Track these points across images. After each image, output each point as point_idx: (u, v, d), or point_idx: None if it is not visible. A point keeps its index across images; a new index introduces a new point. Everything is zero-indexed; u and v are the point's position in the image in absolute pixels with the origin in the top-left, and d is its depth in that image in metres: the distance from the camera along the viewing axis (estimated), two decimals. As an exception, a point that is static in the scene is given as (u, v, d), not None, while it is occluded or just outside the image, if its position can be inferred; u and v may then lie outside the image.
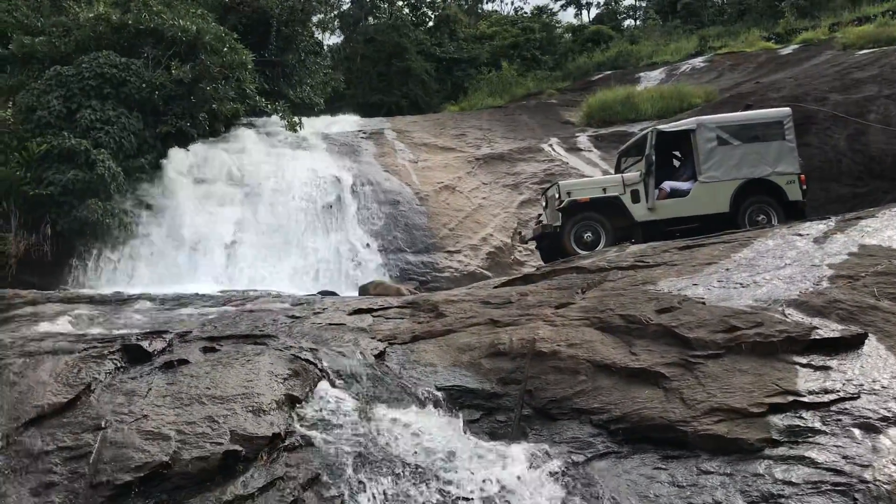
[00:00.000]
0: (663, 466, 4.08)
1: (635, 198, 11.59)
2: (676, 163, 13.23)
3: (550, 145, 21.77)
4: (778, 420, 4.11)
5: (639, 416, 4.44)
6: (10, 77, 19.14)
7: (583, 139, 22.16)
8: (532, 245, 13.04)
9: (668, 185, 11.97)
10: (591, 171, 19.31)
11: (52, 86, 16.98)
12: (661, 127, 12.37)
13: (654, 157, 11.66)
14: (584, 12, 52.94)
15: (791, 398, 4.23)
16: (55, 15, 20.79)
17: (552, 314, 5.88)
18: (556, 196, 11.80)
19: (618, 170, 13.55)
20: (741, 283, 6.07)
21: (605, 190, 11.71)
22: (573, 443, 4.41)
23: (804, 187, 11.50)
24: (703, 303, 5.64)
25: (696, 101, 22.16)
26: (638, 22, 48.32)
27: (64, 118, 16.52)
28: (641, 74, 29.47)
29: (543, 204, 12.47)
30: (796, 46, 27.25)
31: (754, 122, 11.83)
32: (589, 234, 11.40)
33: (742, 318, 5.11)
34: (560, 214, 11.61)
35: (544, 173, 19.90)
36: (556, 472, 4.06)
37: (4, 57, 19.42)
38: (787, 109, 12.14)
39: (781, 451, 3.90)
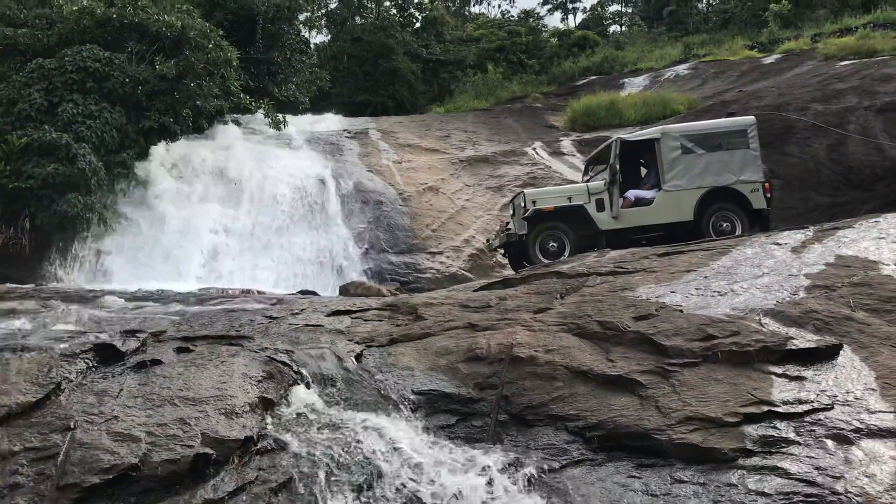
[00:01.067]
0: (637, 475, 4.07)
1: (600, 206, 11.63)
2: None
3: (534, 149, 21.82)
4: (752, 430, 4.11)
5: (614, 424, 4.43)
6: (-9, 69, 18.95)
7: (566, 143, 22.21)
8: (502, 252, 13.03)
9: (632, 193, 12.04)
10: (573, 176, 19.35)
11: (33, 78, 16.80)
12: (625, 136, 12.45)
13: (618, 167, 11.73)
14: (571, 17, 53.19)
15: (766, 408, 4.24)
16: (39, 7, 20.57)
17: (531, 319, 5.87)
18: (522, 205, 11.83)
19: (585, 177, 13.61)
20: (719, 292, 6.10)
21: (570, 199, 11.75)
22: (548, 449, 4.40)
23: (769, 195, 11.55)
24: (681, 310, 5.65)
25: (679, 109, 22.28)
26: (623, 28, 48.57)
27: (45, 111, 16.35)
28: (626, 80, 29.60)
29: (511, 212, 12.49)
30: (779, 56, 27.45)
31: (718, 131, 11.87)
32: (553, 243, 11.44)
33: (719, 327, 5.12)
34: (525, 223, 11.65)
35: (528, 176, 19.93)
36: (530, 479, 4.04)
37: (-15, 48, 19.23)
38: (752, 118, 12.23)
39: (755, 461, 3.91)
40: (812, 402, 4.25)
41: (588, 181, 12.80)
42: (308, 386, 4.82)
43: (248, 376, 4.63)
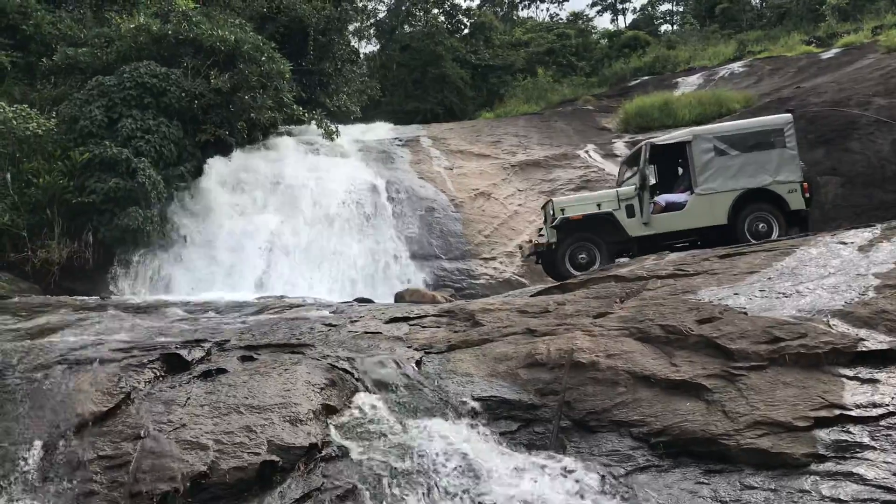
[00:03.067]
0: (705, 481, 4.00)
1: (630, 212, 11.41)
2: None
3: (587, 151, 21.63)
4: (824, 434, 4.01)
5: (680, 429, 4.36)
6: (53, 87, 19.51)
7: (619, 145, 21.97)
8: (535, 260, 12.80)
9: (663, 198, 11.79)
10: (628, 178, 19.14)
11: (94, 96, 17.23)
12: (655, 140, 12.17)
13: (647, 171, 11.49)
14: (621, 18, 52.65)
15: (837, 412, 4.13)
16: (97, 26, 21.15)
17: (590, 324, 5.82)
18: (551, 213, 11.69)
19: (620, 179, 13.35)
20: (784, 293, 5.95)
21: (599, 206, 11.55)
22: (613, 455, 4.35)
23: (807, 195, 11.17)
24: (745, 313, 5.54)
25: (734, 107, 21.85)
26: (675, 27, 47.90)
27: (105, 127, 16.75)
28: (679, 80, 29.17)
29: (543, 218, 12.31)
30: (838, 50, 26.74)
31: (753, 131, 11.53)
32: (583, 255, 11.26)
33: (785, 329, 5.00)
34: (555, 231, 11.51)
35: (580, 179, 19.77)
36: (596, 486, 4.00)
37: (49, 68, 19.81)
38: (788, 116, 11.80)
39: (828, 466, 3.81)
40: (887, 405, 4.12)
41: (623, 183, 12.60)
42: (370, 393, 4.85)
43: (310, 384, 4.68)
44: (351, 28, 31.00)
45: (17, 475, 3.67)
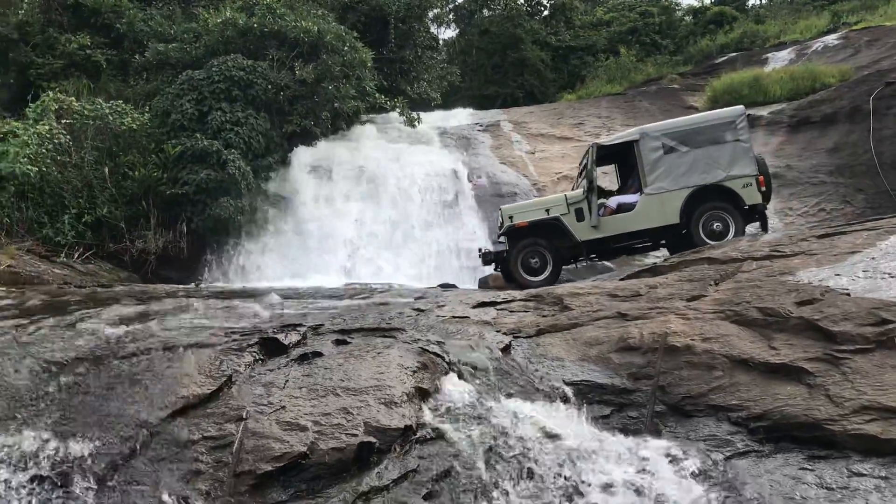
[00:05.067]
0: (809, 467, 3.88)
1: (580, 216, 11.04)
2: None
3: (673, 131, 21.13)
4: (939, 420, 3.83)
5: (781, 414, 4.24)
6: (146, 83, 20.28)
7: (707, 124, 21.36)
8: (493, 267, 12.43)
9: (614, 200, 11.40)
10: (716, 158, 18.62)
11: (184, 90, 17.79)
12: (602, 141, 11.74)
13: (595, 173, 11.11)
14: (706, -7, 50.98)
15: (953, 396, 3.94)
16: (186, 22, 21.85)
17: (684, 307, 5.70)
18: (500, 220, 11.45)
19: (577, 182, 12.89)
20: (890, 273, 5.69)
21: (548, 211, 11.22)
22: (710, 440, 4.26)
23: (763, 189, 10.59)
24: (848, 294, 5.33)
25: (830, 81, 20.92)
26: (763, 0, 46.14)
27: (196, 120, 17.29)
28: (769, 55, 28.06)
29: (500, 224, 11.99)
30: (942, 18, 25.28)
31: (703, 126, 10.98)
32: (535, 259, 10.99)
33: (893, 311, 4.78)
34: (505, 238, 11.31)
35: (667, 160, 19.31)
36: (694, 471, 3.92)
37: (141, 64, 20.59)
38: (741, 108, 11.29)
39: (944, 453, 3.63)
40: None
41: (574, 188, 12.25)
42: (460, 376, 4.88)
43: (403, 367, 4.73)
44: (430, 14, 31.05)
45: (128, 455, 3.84)
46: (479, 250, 11.95)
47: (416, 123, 21.85)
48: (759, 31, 32.28)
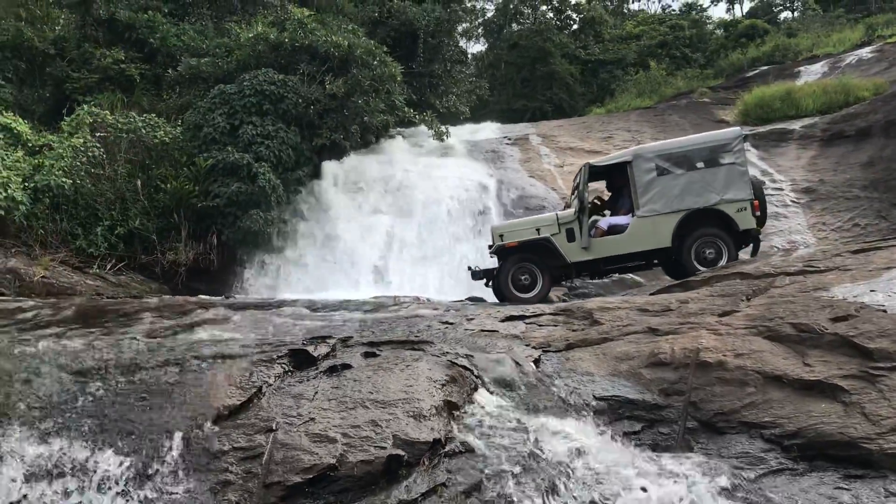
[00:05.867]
0: (846, 486, 3.81)
1: (570, 237, 10.79)
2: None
3: (703, 146, 20.95)
4: (980, 440, 3.73)
5: (815, 432, 4.17)
6: (178, 97, 20.56)
7: (738, 138, 21.17)
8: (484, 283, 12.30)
9: (605, 221, 11.19)
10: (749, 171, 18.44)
11: (216, 104, 17.98)
12: (594, 161, 11.54)
13: (586, 194, 10.94)
14: (737, 6, 50.78)
15: None
16: (218, 37, 22.15)
17: (716, 322, 5.63)
18: (491, 239, 11.32)
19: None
20: (928, 290, 5.58)
21: (538, 230, 10.98)
22: (743, 458, 4.20)
23: (758, 214, 10.33)
24: (884, 311, 5.22)
25: (864, 95, 20.64)
26: (796, 14, 45.74)
27: (227, 134, 17.46)
28: (801, 68, 27.80)
29: (491, 241, 11.83)
30: (980, 30, 24.87)
31: (698, 148, 10.69)
32: (525, 276, 10.76)
33: (932, 328, 4.69)
34: (495, 257, 11.15)
35: (697, 175, 19.15)
36: (726, 488, 3.86)
37: (174, 78, 20.90)
38: (738, 130, 11.00)
39: None
40: None
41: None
42: (489, 390, 4.86)
43: (432, 380, 4.72)
44: (460, 29, 31.20)
45: (160, 464, 3.86)
46: (469, 268, 11.81)
47: (444, 137, 21.89)
48: (791, 45, 32.00)
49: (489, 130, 25.11)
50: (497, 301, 11.14)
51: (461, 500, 3.75)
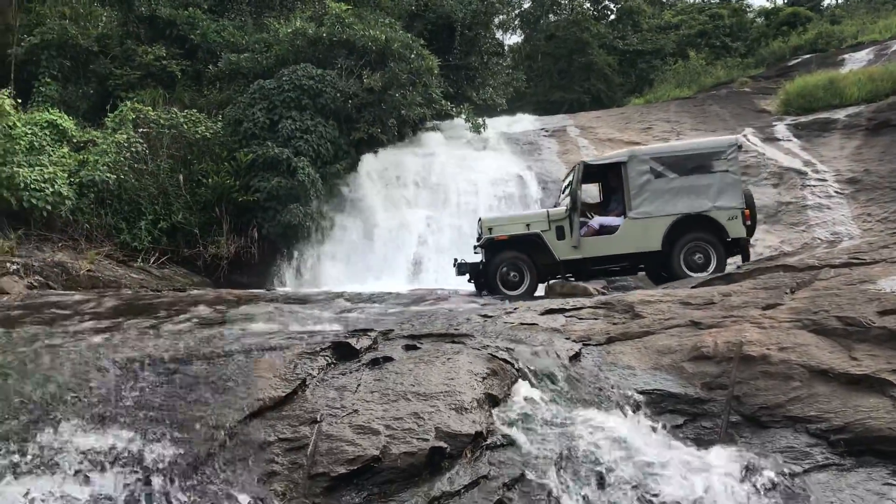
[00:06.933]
0: (894, 482, 3.75)
1: (560, 234, 10.73)
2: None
3: (745, 136, 20.62)
4: None
5: (863, 427, 4.12)
6: (219, 92, 20.82)
7: (780, 128, 20.80)
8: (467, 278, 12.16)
9: (597, 221, 11.07)
10: (790, 163, 18.14)
11: (255, 99, 18.18)
12: (589, 160, 11.37)
13: (579, 192, 10.79)
14: (779, -7, 49.76)
15: None
16: (257, 32, 22.36)
17: (759, 315, 5.57)
18: (479, 231, 11.20)
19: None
20: (979, 283, 5.47)
21: (528, 226, 10.92)
22: (788, 452, 4.17)
23: (749, 223, 10.24)
24: (934, 304, 5.13)
25: (911, 82, 20.15)
26: (839, 0, 44.75)
27: (267, 129, 17.64)
28: (846, 56, 27.17)
29: (478, 236, 11.71)
30: None
31: (694, 153, 10.64)
32: (513, 272, 10.73)
33: (984, 322, 4.59)
34: (482, 250, 11.09)
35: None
36: (771, 483, 3.83)
37: (214, 74, 21.17)
38: (733, 137, 10.97)
39: None
40: None
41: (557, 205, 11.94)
42: (530, 383, 4.87)
43: (473, 373, 4.75)
44: (496, 21, 31.09)
45: (207, 456, 3.94)
46: (455, 260, 11.78)
47: (481, 129, 21.85)
48: (834, 32, 31.27)
49: (526, 122, 24.99)
50: (479, 294, 11.16)
51: (504, 492, 3.77)
